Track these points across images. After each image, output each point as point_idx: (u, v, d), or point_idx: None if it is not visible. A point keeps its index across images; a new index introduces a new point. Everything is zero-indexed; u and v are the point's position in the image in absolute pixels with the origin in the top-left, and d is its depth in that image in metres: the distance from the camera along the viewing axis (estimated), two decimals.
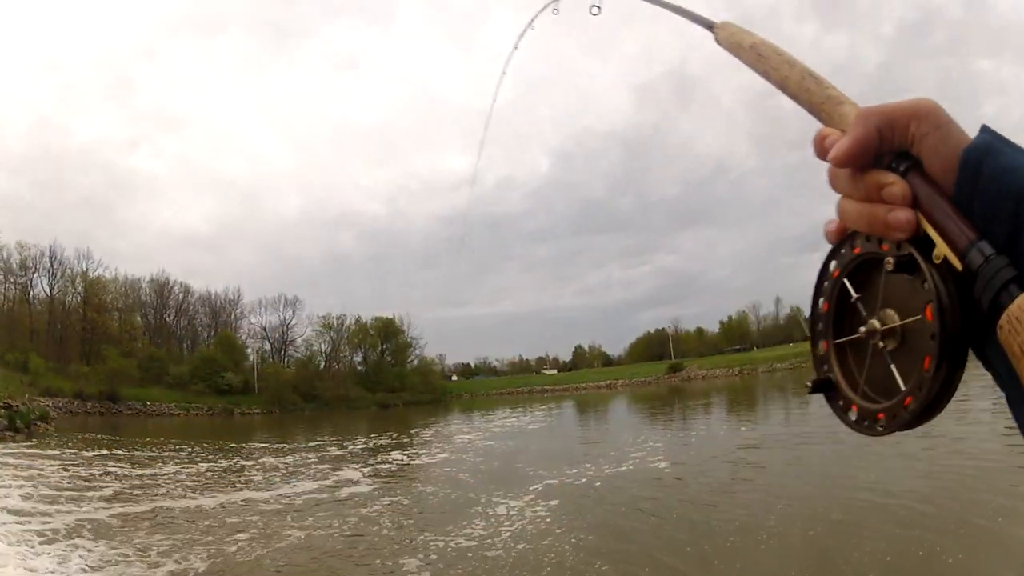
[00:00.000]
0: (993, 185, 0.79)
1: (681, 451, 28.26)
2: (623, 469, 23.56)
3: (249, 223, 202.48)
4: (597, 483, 21.40)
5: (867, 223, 0.89)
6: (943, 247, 0.82)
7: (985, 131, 0.83)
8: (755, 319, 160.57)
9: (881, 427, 0.91)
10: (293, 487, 23.61)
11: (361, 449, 38.26)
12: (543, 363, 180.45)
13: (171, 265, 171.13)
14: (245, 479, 26.33)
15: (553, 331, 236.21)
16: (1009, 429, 21.48)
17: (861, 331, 0.94)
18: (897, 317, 0.90)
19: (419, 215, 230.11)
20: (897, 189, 0.85)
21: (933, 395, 0.84)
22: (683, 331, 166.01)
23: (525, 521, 16.62)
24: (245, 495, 22.16)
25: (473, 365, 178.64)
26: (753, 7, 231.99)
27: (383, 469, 28.93)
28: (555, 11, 2.56)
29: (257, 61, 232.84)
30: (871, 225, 0.88)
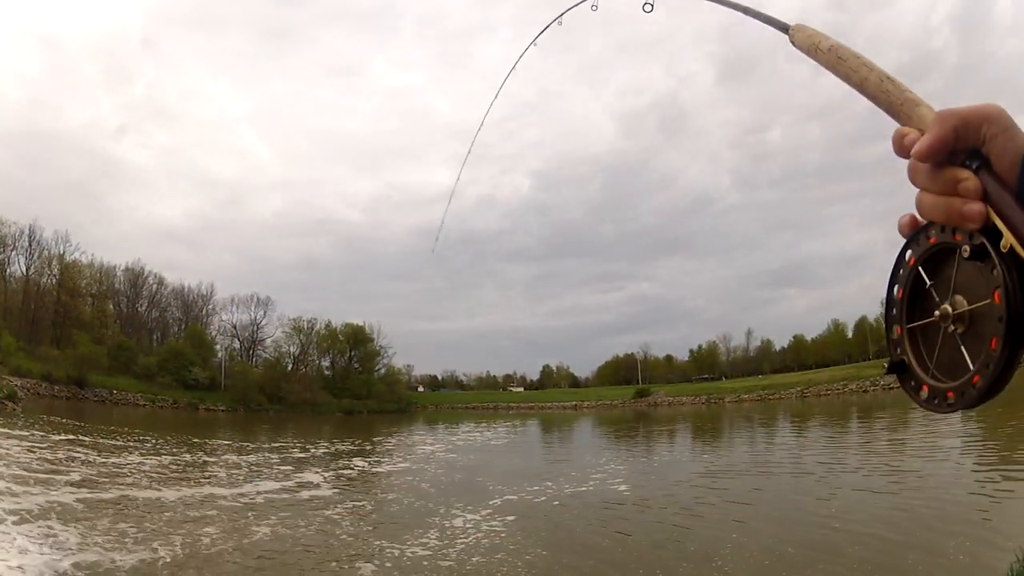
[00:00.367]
0: None
1: (642, 475, 28.49)
2: (583, 489, 23.77)
3: (228, 220, 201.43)
4: (556, 502, 21.59)
5: (944, 214, 0.99)
6: (1009, 237, 0.90)
7: None
8: (725, 349, 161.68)
9: (951, 404, 1.00)
10: (255, 486, 23.67)
11: (324, 453, 38.29)
12: (510, 381, 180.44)
13: (148, 256, 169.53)
14: (209, 475, 26.37)
15: (522, 349, 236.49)
16: (977, 467, 22.09)
17: (935, 315, 1.03)
18: (966, 303, 0.99)
19: (398, 226, 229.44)
20: (971, 184, 0.94)
21: (999, 372, 0.92)
22: (652, 357, 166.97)
23: (480, 535, 16.78)
24: (208, 490, 22.19)
25: (440, 378, 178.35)
26: (748, 47, 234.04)
27: (345, 474, 29.02)
28: (559, 23, 2.83)
29: (251, 61, 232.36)
30: (948, 215, 0.98)
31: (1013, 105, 0.99)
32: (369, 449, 43.99)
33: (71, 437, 34.81)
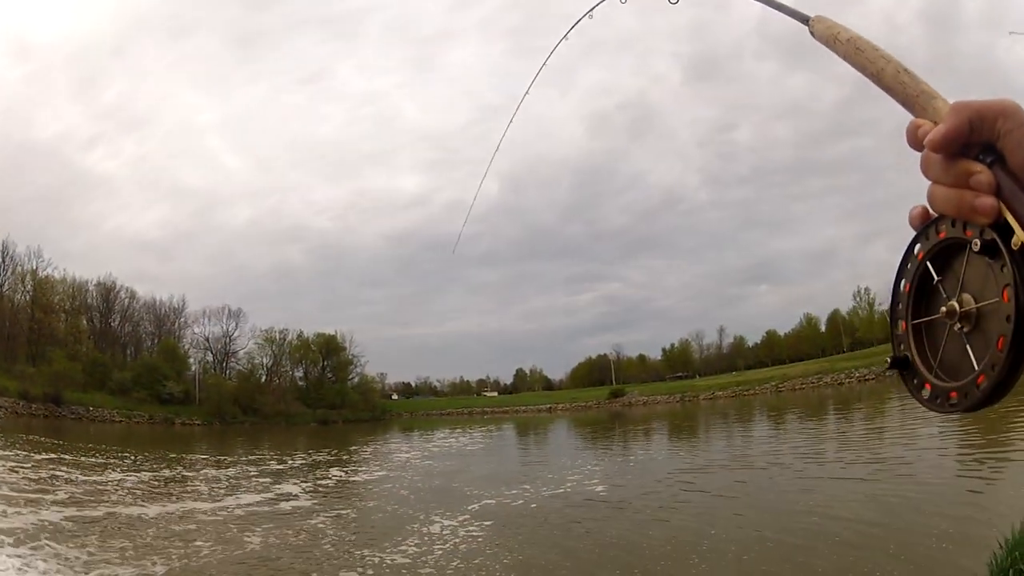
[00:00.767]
0: None
1: (619, 475, 28.76)
2: (560, 491, 24.01)
3: (199, 230, 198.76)
4: (533, 504, 21.83)
5: (955, 207, 0.97)
6: (1021, 234, 0.89)
7: None
8: (698, 347, 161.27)
9: (953, 405, 0.98)
10: (236, 499, 23.77)
11: (301, 464, 38.25)
12: (484, 385, 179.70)
13: (118, 268, 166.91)
14: (191, 489, 26.39)
15: (495, 354, 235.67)
16: (961, 454, 22.28)
17: (942, 311, 1.01)
18: (973, 301, 0.97)
19: (368, 233, 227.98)
20: (984, 178, 0.93)
21: (1004, 374, 0.90)
22: (626, 357, 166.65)
23: (458, 540, 17.03)
24: (191, 505, 22.28)
25: (414, 385, 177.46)
26: (717, 44, 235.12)
27: (323, 485, 29.10)
28: (590, 16, 2.88)
29: (219, 68, 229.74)
30: (959, 209, 0.96)
31: (984, 97, 0.98)
32: (346, 459, 44.04)
33: (52, 456, 34.57)
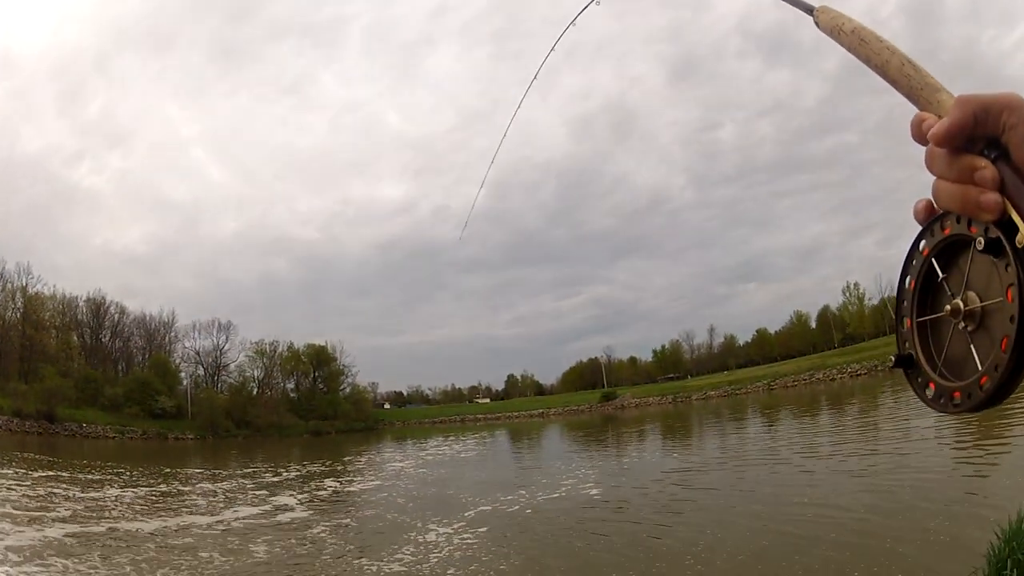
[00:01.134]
0: None
1: (613, 478, 28.82)
2: (555, 496, 24.06)
3: (185, 243, 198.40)
4: (528, 510, 21.86)
5: (959, 203, 0.94)
6: None
7: None
8: (688, 348, 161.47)
9: (956, 405, 0.96)
10: (234, 512, 23.77)
11: (296, 476, 38.18)
12: (475, 392, 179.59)
13: (107, 283, 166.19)
14: (188, 503, 26.36)
15: (485, 360, 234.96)
16: (958, 444, 22.29)
17: (946, 309, 0.99)
18: (978, 299, 0.95)
19: (354, 242, 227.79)
20: (988, 173, 0.90)
21: (1008, 376, 0.87)
22: (616, 360, 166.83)
23: (453, 547, 17.10)
24: (190, 519, 22.26)
25: (406, 394, 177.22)
26: (696, 44, 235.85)
27: (318, 496, 29.09)
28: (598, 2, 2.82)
29: (201, 81, 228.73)
30: (963, 204, 0.94)
31: (969, 91, 0.98)
32: (340, 469, 43.97)
33: (50, 473, 34.47)
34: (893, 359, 1.08)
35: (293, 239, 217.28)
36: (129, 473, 38.06)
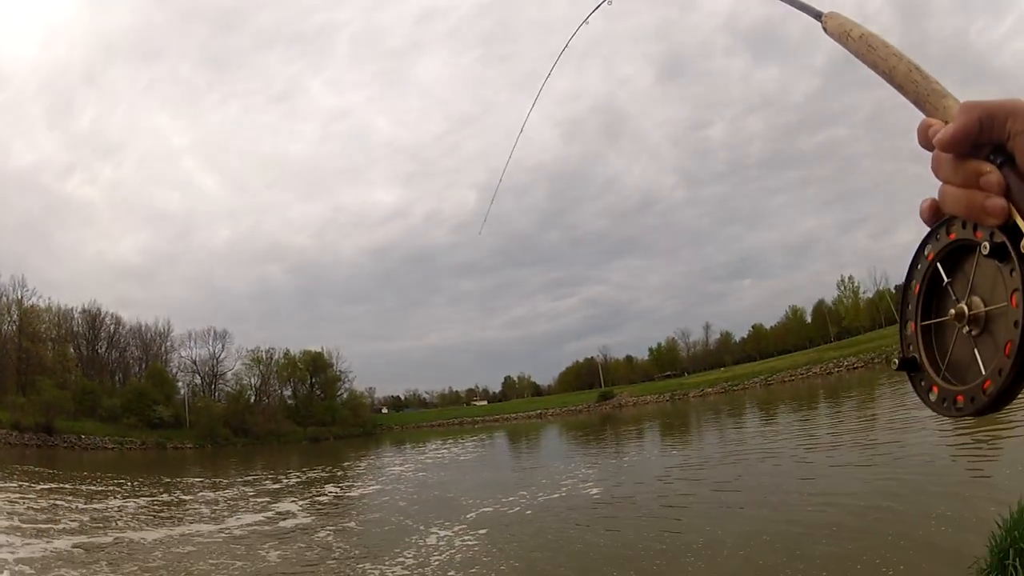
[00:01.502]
0: None
1: (613, 477, 28.87)
2: (555, 496, 24.14)
3: (179, 253, 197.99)
4: (529, 511, 21.96)
5: (965, 207, 0.94)
6: None
7: None
8: (684, 345, 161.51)
9: (959, 409, 0.96)
10: (237, 519, 23.88)
11: (296, 483, 38.27)
12: (473, 395, 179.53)
13: (101, 295, 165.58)
14: (191, 512, 26.56)
15: (482, 363, 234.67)
16: (959, 433, 22.34)
17: (951, 314, 1.00)
18: (983, 304, 0.95)
19: (347, 249, 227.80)
20: (993, 178, 0.90)
21: (1011, 381, 0.87)
22: (613, 359, 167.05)
23: (454, 550, 17.21)
24: (194, 528, 22.38)
25: (403, 398, 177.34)
26: (684, 43, 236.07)
27: (319, 502, 29.17)
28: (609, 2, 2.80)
29: (190, 90, 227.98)
30: (968, 209, 0.94)
31: (959, 82, 1.02)
32: (340, 475, 44.01)
33: (52, 485, 34.42)
34: (897, 362, 1.08)
35: (286, 247, 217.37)
36: (130, 483, 38.01)
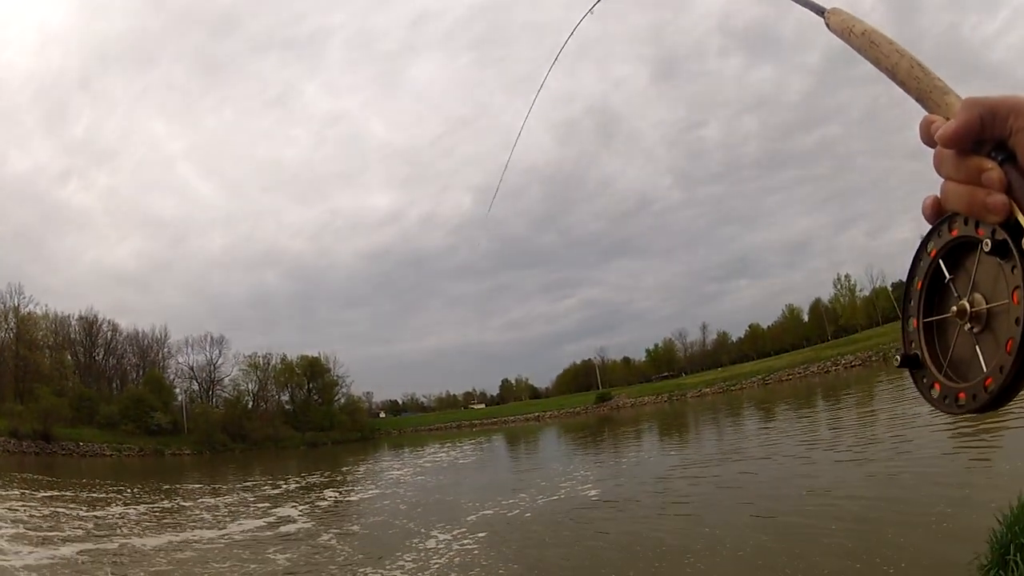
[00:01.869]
0: None
1: (611, 478, 28.88)
2: (554, 498, 24.18)
3: (175, 259, 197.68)
4: (528, 513, 22.00)
5: (967, 204, 0.95)
6: None
7: None
8: (682, 346, 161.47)
9: (961, 406, 0.96)
10: (238, 525, 23.94)
11: (296, 488, 38.21)
12: (471, 398, 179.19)
13: (98, 301, 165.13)
14: (193, 518, 26.51)
15: (479, 366, 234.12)
16: (961, 429, 22.34)
17: (952, 311, 1.00)
18: (984, 301, 0.95)
19: (343, 253, 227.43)
20: (995, 175, 0.91)
21: (1012, 378, 0.87)
22: (610, 361, 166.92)
23: (454, 553, 17.24)
24: (196, 534, 22.38)
25: (401, 402, 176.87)
26: (677, 44, 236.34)
27: (319, 506, 29.22)
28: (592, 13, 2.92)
29: (185, 95, 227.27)
30: (970, 205, 0.94)
31: (953, 78, 1.05)
32: (339, 479, 44.07)
33: (52, 493, 34.43)
34: (899, 358, 1.09)
35: (282, 251, 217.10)
36: (130, 490, 38.05)
